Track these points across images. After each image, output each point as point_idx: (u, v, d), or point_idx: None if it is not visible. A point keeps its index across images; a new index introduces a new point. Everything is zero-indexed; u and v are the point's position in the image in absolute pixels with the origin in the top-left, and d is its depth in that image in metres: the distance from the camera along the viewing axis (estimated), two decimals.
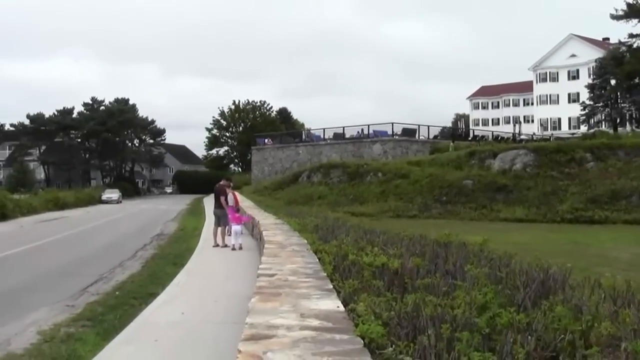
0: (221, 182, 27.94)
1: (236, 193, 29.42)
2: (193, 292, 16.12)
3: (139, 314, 13.70)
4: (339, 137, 78.54)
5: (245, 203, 38.45)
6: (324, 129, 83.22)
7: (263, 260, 13.73)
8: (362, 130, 76.62)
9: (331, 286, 10.07)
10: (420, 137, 74.17)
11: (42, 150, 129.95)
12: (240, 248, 25.10)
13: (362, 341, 6.77)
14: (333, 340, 6.79)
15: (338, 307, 8.45)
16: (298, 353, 6.23)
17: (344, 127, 79.42)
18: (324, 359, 6.09)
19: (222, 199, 26.55)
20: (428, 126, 77.21)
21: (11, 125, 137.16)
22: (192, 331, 11.75)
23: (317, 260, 13.31)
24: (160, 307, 14.18)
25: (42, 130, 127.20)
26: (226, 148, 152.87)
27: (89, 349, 11.33)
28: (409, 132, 73.28)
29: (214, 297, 15.09)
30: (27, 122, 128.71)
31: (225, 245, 25.99)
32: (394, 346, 6.90)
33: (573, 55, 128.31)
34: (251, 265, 20.26)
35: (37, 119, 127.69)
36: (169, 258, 24.73)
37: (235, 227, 25.40)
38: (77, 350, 11.40)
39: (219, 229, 26.76)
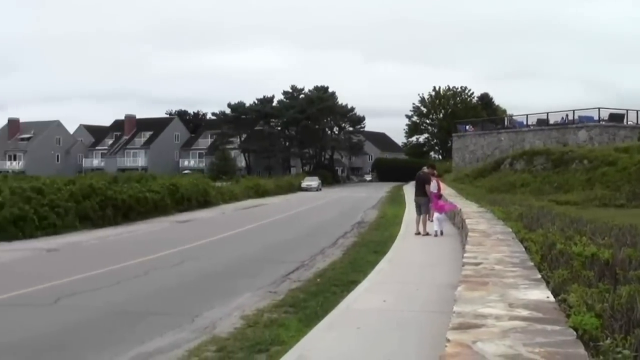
0: (424, 170, 27.73)
1: (439, 180, 29.21)
2: (394, 280, 16.03)
3: (340, 301, 13.73)
4: (542, 123, 76.41)
5: (446, 191, 38.08)
6: (526, 115, 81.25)
7: (467, 248, 13.49)
8: (567, 115, 74.19)
9: (539, 276, 9.78)
10: (629, 123, 71.16)
11: (242, 139, 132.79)
12: (441, 234, 25.14)
13: (574, 333, 6.55)
14: (544, 331, 6.59)
15: (548, 297, 8.21)
16: (508, 343, 6.04)
17: (547, 113, 77.22)
18: (536, 350, 5.88)
19: (427, 187, 26.33)
20: (637, 111, 73.92)
21: (213, 114, 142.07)
22: (394, 319, 11.64)
23: (523, 249, 12.98)
24: (361, 294, 14.16)
25: (242, 119, 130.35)
26: (426, 135, 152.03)
27: (292, 335, 11.41)
28: (616, 118, 70.45)
29: (415, 285, 14.95)
30: (228, 111, 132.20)
31: (427, 233, 25.80)
32: (609, 339, 6.57)
33: None
34: (452, 254, 20.08)
35: (238, 108, 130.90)
36: (369, 246, 24.74)
37: (438, 215, 25.57)
38: (280, 335, 11.50)
39: (421, 216, 26.48)
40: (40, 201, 31.29)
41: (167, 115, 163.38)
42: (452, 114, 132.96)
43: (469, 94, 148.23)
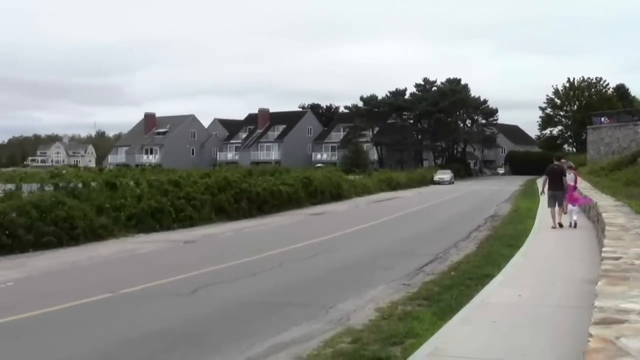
0: (556, 163, 27.49)
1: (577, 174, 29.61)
2: (529, 274, 15.78)
3: (475, 294, 13.60)
4: None
5: (581, 184, 37.32)
6: None
7: (606, 243, 13.21)
8: None
9: None
10: None
11: (375, 132, 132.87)
12: (575, 226, 25.28)
13: None
14: None
15: None
16: None
17: None
18: None
19: (564, 179, 26.16)
20: None
21: (345, 107, 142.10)
22: (529, 314, 11.47)
23: None
24: (496, 288, 13.99)
25: (375, 112, 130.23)
26: (560, 128, 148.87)
27: (426, 328, 11.38)
28: None
29: (551, 280, 14.69)
30: (360, 104, 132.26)
31: (561, 225, 25.59)
32: None
33: None
34: (587, 248, 19.83)
35: (370, 101, 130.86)
36: (503, 239, 24.41)
37: (572, 207, 25.81)
38: (415, 328, 11.47)
39: (556, 209, 26.12)
40: (177, 194, 32.08)
41: (300, 109, 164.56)
42: (587, 106, 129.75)
43: (604, 85, 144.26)
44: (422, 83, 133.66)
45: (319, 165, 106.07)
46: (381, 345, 10.59)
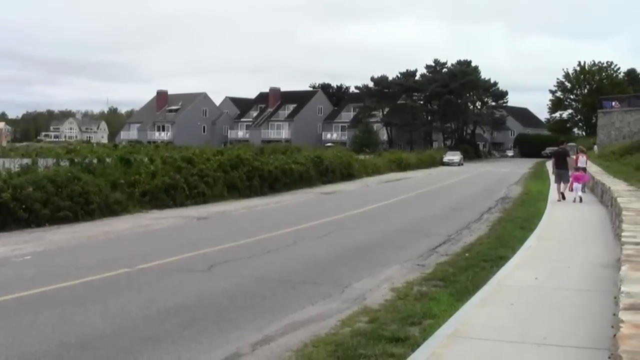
0: (561, 147, 32.00)
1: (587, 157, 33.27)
2: (544, 257, 15.77)
3: (490, 276, 13.63)
4: None
5: (591, 168, 37.31)
6: None
7: (624, 227, 13.26)
8: None
9: None
10: None
11: (385, 112, 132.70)
12: (581, 201, 29.10)
13: None
14: None
15: None
16: None
17: None
18: None
19: (569, 159, 30.48)
20: None
21: (356, 87, 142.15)
22: (547, 297, 11.50)
23: None
24: (512, 271, 14.01)
25: (385, 93, 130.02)
26: (570, 111, 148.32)
27: (443, 309, 11.41)
28: None
29: (567, 263, 14.72)
30: (371, 84, 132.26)
31: (564, 197, 29.55)
32: None
33: None
34: (600, 231, 20.08)
35: (381, 82, 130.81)
36: (516, 221, 24.49)
37: (576, 184, 29.59)
38: (432, 309, 11.51)
39: (562, 185, 30.22)
40: (190, 171, 32.16)
41: (311, 88, 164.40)
42: (597, 90, 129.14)
43: (614, 69, 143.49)
44: (433, 64, 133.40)
45: (329, 144, 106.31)
46: (399, 325, 10.62)
